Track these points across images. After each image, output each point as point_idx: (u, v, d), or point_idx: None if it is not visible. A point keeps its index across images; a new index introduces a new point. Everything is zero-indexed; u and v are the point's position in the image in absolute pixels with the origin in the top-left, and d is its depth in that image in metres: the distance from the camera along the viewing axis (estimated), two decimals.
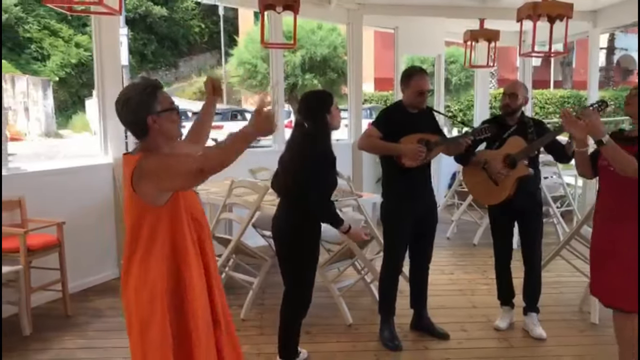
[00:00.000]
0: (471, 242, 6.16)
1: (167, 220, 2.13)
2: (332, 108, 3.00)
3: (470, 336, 3.81)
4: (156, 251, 2.13)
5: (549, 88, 26.00)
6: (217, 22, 30.57)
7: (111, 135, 4.90)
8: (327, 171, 2.98)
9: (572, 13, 4.84)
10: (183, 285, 2.15)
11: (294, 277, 3.13)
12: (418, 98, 3.50)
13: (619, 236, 2.89)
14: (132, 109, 2.12)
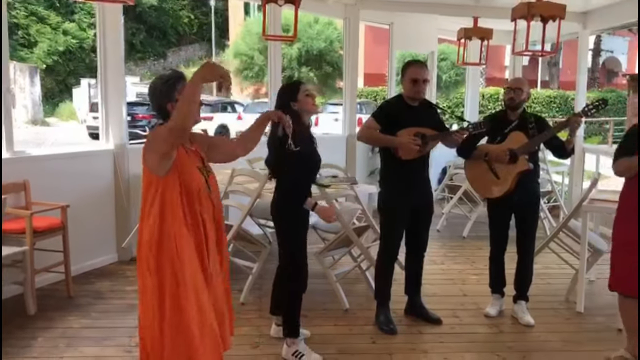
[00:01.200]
0: (461, 235, 6.32)
1: (163, 189, 2.41)
2: (298, 95, 3.18)
3: (462, 322, 3.97)
4: (152, 217, 2.42)
5: (536, 88, 26.35)
6: (207, 14, 30.56)
7: (112, 122, 4.98)
8: (292, 154, 3.07)
9: (564, 14, 5.01)
10: (169, 251, 2.40)
11: (284, 253, 3.32)
12: (413, 87, 3.62)
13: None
14: (156, 97, 2.49)
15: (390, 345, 3.57)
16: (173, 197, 2.41)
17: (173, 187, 2.41)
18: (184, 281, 2.40)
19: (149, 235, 2.43)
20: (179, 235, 2.41)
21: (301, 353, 3.29)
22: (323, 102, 20.39)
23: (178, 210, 2.41)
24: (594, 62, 29.13)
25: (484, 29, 6.74)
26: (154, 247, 2.41)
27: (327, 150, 6.43)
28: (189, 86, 2.28)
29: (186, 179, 2.44)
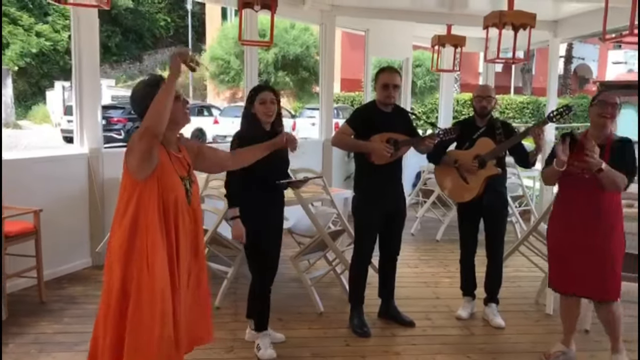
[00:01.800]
0: (434, 238, 6.42)
1: (140, 194, 2.34)
2: (255, 101, 3.32)
3: (435, 324, 4.04)
4: (125, 221, 2.34)
5: (510, 94, 26.77)
6: (184, 17, 30.41)
7: (87, 125, 4.95)
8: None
9: (535, 23, 5.13)
10: (139, 261, 2.33)
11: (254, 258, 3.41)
12: (383, 92, 3.70)
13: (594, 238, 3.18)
14: (138, 101, 2.41)
15: (364, 348, 3.62)
16: (149, 205, 2.34)
17: (150, 194, 2.34)
18: (152, 293, 2.31)
19: (118, 242, 2.35)
20: (151, 245, 2.32)
21: (260, 346, 3.42)
22: (300, 106, 20.47)
23: (153, 218, 2.34)
24: (565, 69, 29.72)
25: (457, 37, 6.86)
26: (123, 257, 2.33)
27: (303, 155, 6.52)
28: (163, 85, 2.26)
29: (165, 186, 2.38)
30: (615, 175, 3.07)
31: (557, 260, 3.37)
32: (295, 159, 5.43)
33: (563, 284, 3.37)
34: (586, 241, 3.20)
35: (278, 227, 3.48)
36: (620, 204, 3.27)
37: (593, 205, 3.19)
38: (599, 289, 3.23)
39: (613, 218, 3.22)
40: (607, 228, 3.20)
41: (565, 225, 3.32)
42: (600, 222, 3.19)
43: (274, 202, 3.43)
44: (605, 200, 3.18)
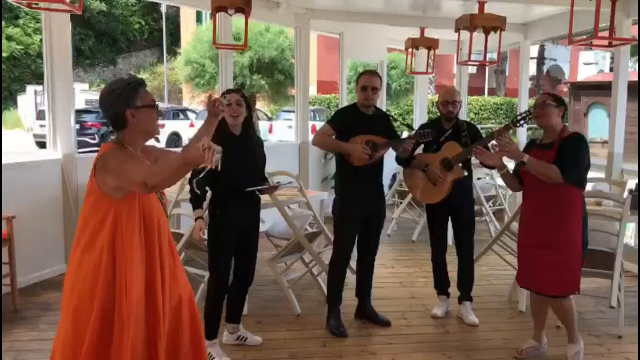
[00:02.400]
0: (410, 239, 6.49)
1: (118, 214, 2.15)
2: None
3: (410, 323, 4.10)
4: (99, 243, 2.14)
5: (484, 95, 27.12)
6: (158, 20, 30.18)
7: (60, 130, 4.91)
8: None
9: (505, 26, 5.23)
10: (118, 286, 2.14)
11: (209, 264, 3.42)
12: (362, 94, 3.76)
13: (548, 234, 3.27)
14: (113, 101, 2.20)
15: (341, 348, 3.65)
16: (130, 226, 2.15)
17: (129, 215, 2.16)
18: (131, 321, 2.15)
19: (92, 270, 2.13)
20: (129, 273, 2.14)
21: (213, 355, 3.35)
22: (277, 109, 20.48)
23: (135, 241, 2.16)
24: (538, 70, 30.21)
25: (430, 39, 6.94)
26: (101, 286, 2.12)
27: (280, 158, 6.54)
28: (185, 165, 2.02)
29: (146, 205, 2.21)
30: (540, 167, 3.17)
31: (520, 256, 3.48)
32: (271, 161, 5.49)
33: (525, 280, 3.46)
34: (542, 237, 3.30)
35: (246, 234, 3.41)
36: (577, 200, 3.30)
37: (548, 201, 3.27)
38: (553, 281, 3.29)
39: (568, 214, 3.28)
40: (561, 223, 3.27)
41: (525, 221, 3.44)
42: (555, 218, 3.27)
43: (243, 209, 3.36)
44: (560, 196, 3.25)
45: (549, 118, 3.31)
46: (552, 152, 3.24)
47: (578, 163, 3.25)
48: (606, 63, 28.72)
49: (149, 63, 33.75)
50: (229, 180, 3.18)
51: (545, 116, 3.31)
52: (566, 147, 3.25)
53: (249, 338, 3.65)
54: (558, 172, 3.17)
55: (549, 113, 3.30)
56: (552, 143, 3.29)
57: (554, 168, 3.17)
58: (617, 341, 3.79)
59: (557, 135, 3.31)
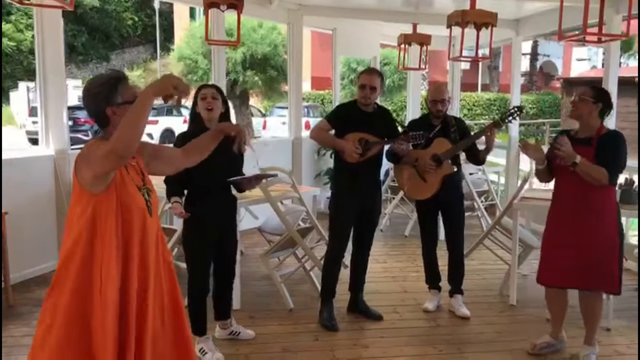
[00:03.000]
0: (403, 234, 6.53)
1: (96, 210, 2.08)
2: (197, 99, 3.34)
3: (402, 317, 4.13)
4: (74, 238, 2.09)
5: (477, 91, 27.18)
6: (152, 16, 30.06)
7: (52, 127, 4.90)
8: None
9: (496, 21, 5.25)
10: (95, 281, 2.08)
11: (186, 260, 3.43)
12: (360, 92, 3.80)
13: (581, 226, 3.27)
14: (93, 100, 2.15)
15: (333, 342, 3.69)
16: (107, 222, 2.07)
17: (108, 210, 2.08)
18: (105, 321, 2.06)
19: (63, 260, 2.09)
20: (106, 272, 2.06)
21: (205, 351, 3.38)
22: (271, 105, 20.48)
23: (111, 238, 2.08)
24: (531, 66, 30.30)
25: (422, 35, 6.96)
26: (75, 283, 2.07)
27: (273, 154, 6.55)
28: (139, 100, 1.96)
29: (126, 201, 2.12)
30: (591, 169, 3.14)
31: (551, 254, 3.41)
32: (264, 157, 5.51)
33: (556, 278, 3.40)
34: (577, 234, 3.28)
35: (223, 231, 3.42)
36: (612, 196, 3.32)
37: (582, 198, 3.26)
38: (597, 279, 3.30)
39: (603, 211, 3.28)
40: (598, 221, 3.26)
41: (557, 218, 3.41)
42: (590, 216, 3.26)
43: (218, 206, 3.36)
44: (594, 194, 3.24)
45: (580, 111, 3.28)
46: (591, 150, 3.21)
47: (619, 163, 3.25)
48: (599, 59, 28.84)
49: (142, 59, 33.61)
50: (204, 177, 3.16)
51: (577, 110, 3.29)
52: (607, 145, 3.22)
53: (241, 332, 3.68)
54: (607, 176, 3.16)
55: (581, 107, 3.27)
56: (590, 139, 3.26)
57: (604, 171, 3.15)
58: (605, 334, 3.83)
59: (595, 132, 3.28)
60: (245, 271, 4.99)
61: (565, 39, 4.08)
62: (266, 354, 3.49)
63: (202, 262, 3.38)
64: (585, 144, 3.24)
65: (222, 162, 3.14)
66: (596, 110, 3.27)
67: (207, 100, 3.26)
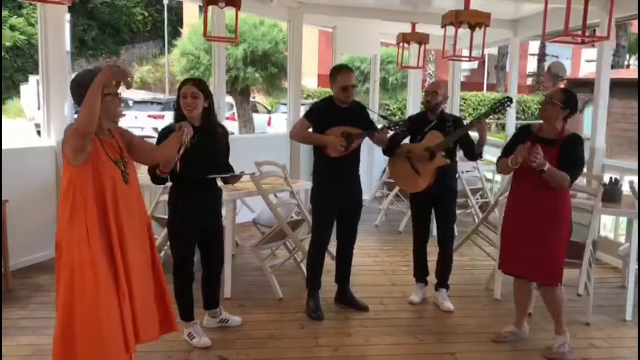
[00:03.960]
0: (397, 230, 6.63)
1: (75, 179, 2.51)
2: (180, 97, 3.38)
3: (388, 309, 4.24)
4: (67, 207, 2.52)
5: (483, 91, 27.17)
6: (161, 12, 30.24)
7: (54, 119, 5.05)
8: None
9: (490, 22, 5.34)
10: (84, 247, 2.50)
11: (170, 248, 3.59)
12: (343, 93, 3.88)
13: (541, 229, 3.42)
14: (79, 91, 2.50)
15: (318, 331, 3.81)
16: (87, 186, 2.50)
17: (86, 180, 2.50)
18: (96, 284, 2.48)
19: (60, 233, 2.54)
20: (93, 235, 2.50)
21: (193, 335, 3.52)
22: (276, 102, 20.60)
23: (91, 198, 2.51)
24: (539, 66, 30.20)
25: (421, 34, 7.06)
26: (64, 248, 2.52)
27: (271, 149, 6.67)
28: (90, 89, 2.39)
29: (99, 172, 2.54)
30: (557, 175, 3.29)
31: (507, 244, 3.59)
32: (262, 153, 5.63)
33: (512, 267, 3.59)
34: (534, 228, 3.43)
35: (208, 225, 3.52)
36: (567, 193, 3.49)
37: (540, 194, 3.41)
38: (545, 274, 3.46)
39: (559, 207, 3.44)
40: (553, 216, 3.42)
41: (516, 212, 3.55)
42: (547, 210, 3.41)
43: (202, 200, 3.45)
44: (550, 193, 3.39)
45: (549, 114, 3.42)
46: (554, 150, 3.35)
47: (580, 166, 3.45)
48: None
49: (151, 55, 33.82)
50: (188, 171, 3.23)
51: (546, 112, 3.44)
52: (569, 149, 3.37)
53: (230, 320, 3.80)
54: (569, 181, 3.33)
55: (549, 110, 3.41)
56: (554, 141, 3.39)
57: (567, 177, 3.31)
58: (584, 328, 3.93)
59: (558, 134, 3.42)
60: (240, 262, 5.14)
61: (549, 40, 4.17)
62: (252, 340, 3.62)
63: (186, 253, 3.50)
64: (549, 145, 3.37)
65: (207, 157, 3.33)
66: (563, 114, 3.42)
67: (187, 101, 3.31)
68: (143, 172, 4.81)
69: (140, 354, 3.37)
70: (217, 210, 3.61)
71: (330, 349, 3.57)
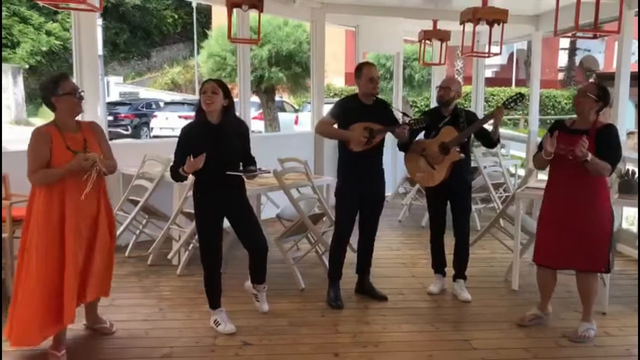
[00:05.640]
0: (420, 225, 6.74)
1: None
2: (201, 94, 3.53)
3: (406, 299, 4.38)
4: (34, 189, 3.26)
5: (511, 86, 26.93)
6: (191, 13, 30.73)
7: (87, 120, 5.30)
8: (178, 142, 3.61)
9: (507, 18, 5.42)
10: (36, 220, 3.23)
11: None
12: (370, 84, 4.05)
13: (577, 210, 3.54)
14: (43, 92, 3.22)
15: (337, 318, 3.97)
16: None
17: (47, 164, 3.14)
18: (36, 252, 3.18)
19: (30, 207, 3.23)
20: (42, 210, 3.17)
21: (219, 322, 3.71)
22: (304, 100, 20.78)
23: (44, 187, 3.17)
24: (570, 61, 29.75)
25: (442, 31, 7.14)
26: (33, 220, 3.20)
27: (296, 146, 6.84)
28: (63, 170, 3.11)
29: (57, 158, 3.15)
30: (599, 165, 3.41)
31: (545, 235, 3.70)
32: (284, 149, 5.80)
33: (550, 258, 3.70)
34: (574, 217, 3.55)
35: (232, 216, 3.71)
36: (605, 182, 3.61)
37: (578, 184, 3.53)
38: (590, 260, 3.57)
39: (598, 195, 3.56)
40: (594, 204, 3.54)
41: (554, 202, 3.67)
42: (586, 197, 3.53)
43: (223, 195, 3.62)
44: (589, 181, 3.51)
45: (582, 107, 3.54)
46: (590, 140, 3.43)
47: (618, 153, 3.56)
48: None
49: (181, 56, 34.44)
50: (206, 167, 3.42)
51: (579, 105, 3.56)
52: (606, 139, 3.49)
53: (260, 302, 3.99)
54: (610, 170, 3.46)
55: (582, 103, 3.54)
56: (588, 131, 3.50)
57: (608, 167, 3.43)
58: (600, 317, 3.99)
59: (592, 125, 3.53)
60: None
61: (560, 36, 4.24)
62: (274, 326, 3.79)
63: (210, 245, 3.69)
64: (582, 134, 3.46)
65: (224, 153, 3.53)
66: (596, 107, 3.54)
67: (207, 95, 3.48)
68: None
69: (168, 339, 3.60)
70: (240, 201, 3.72)
71: (348, 335, 3.73)
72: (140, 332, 3.72)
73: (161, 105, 21.58)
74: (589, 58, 32.49)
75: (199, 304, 4.02)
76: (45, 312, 3.20)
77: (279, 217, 5.37)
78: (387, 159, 4.67)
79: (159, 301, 4.23)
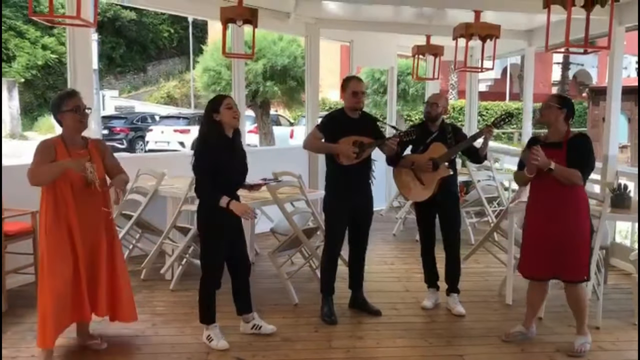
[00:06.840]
0: (414, 238, 6.71)
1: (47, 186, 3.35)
2: (220, 108, 3.54)
3: (400, 314, 4.36)
4: (42, 199, 3.38)
5: (505, 100, 27.09)
6: (187, 28, 30.88)
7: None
8: (202, 157, 3.55)
9: (499, 33, 5.47)
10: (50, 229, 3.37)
11: (201, 257, 3.76)
12: (353, 98, 4.06)
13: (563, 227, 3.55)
14: (51, 108, 3.46)
15: (331, 334, 3.95)
16: (49, 191, 3.31)
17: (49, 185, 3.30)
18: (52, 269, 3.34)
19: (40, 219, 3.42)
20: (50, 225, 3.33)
21: (212, 338, 3.68)
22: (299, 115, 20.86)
23: (51, 202, 3.32)
24: (563, 75, 29.97)
25: (435, 46, 7.19)
26: (42, 229, 3.37)
27: (290, 160, 6.85)
28: (58, 165, 3.25)
29: (60, 178, 3.27)
30: (565, 171, 3.44)
31: (529, 247, 3.72)
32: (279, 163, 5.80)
33: (534, 270, 3.71)
34: (554, 229, 3.56)
35: (229, 228, 3.69)
36: (583, 193, 3.63)
37: (557, 197, 3.55)
38: (571, 270, 3.59)
39: (577, 206, 3.58)
40: (572, 216, 3.56)
41: (535, 215, 3.69)
42: (565, 211, 3.55)
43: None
44: (567, 193, 3.53)
45: (547, 118, 3.58)
46: (561, 152, 3.50)
47: (590, 164, 3.58)
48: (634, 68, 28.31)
49: (177, 70, 34.56)
50: (224, 177, 3.50)
51: (544, 116, 3.60)
52: (577, 147, 3.52)
53: (263, 327, 3.91)
54: (580, 177, 3.47)
55: (547, 114, 3.58)
56: (560, 143, 3.54)
57: (577, 173, 3.46)
58: (593, 331, 3.97)
59: (564, 136, 3.57)
60: (258, 269, 5.31)
61: (551, 51, 4.28)
62: (267, 342, 3.77)
63: (218, 261, 3.68)
64: (556, 147, 3.53)
65: (239, 164, 3.65)
66: (562, 116, 3.57)
67: (234, 110, 3.57)
68: (172, 183, 5.11)
69: (160, 355, 3.57)
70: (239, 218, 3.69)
71: (342, 350, 3.71)
72: (132, 348, 3.70)
73: (157, 119, 21.63)
74: (582, 72, 32.77)
75: (191, 320, 3.99)
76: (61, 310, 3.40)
77: (272, 231, 5.36)
78: (382, 173, 4.67)
79: (151, 316, 4.20)
